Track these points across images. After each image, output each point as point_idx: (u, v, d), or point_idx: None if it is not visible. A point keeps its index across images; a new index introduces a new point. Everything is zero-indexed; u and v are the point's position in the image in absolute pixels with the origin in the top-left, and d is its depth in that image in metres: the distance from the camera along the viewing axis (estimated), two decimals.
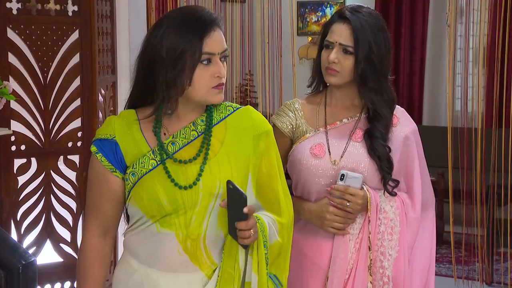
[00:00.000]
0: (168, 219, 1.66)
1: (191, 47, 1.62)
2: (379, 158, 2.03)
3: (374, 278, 2.03)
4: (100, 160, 1.69)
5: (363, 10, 2.07)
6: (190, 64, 1.62)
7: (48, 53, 3.49)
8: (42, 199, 3.55)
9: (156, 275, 1.69)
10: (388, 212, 2.05)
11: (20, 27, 3.44)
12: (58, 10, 3.50)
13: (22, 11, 3.45)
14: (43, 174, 3.54)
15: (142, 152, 1.68)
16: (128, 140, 1.69)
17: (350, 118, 2.10)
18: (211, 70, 1.64)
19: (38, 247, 3.59)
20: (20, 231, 3.54)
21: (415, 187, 2.09)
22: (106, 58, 3.70)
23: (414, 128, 2.14)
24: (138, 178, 1.66)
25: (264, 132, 1.75)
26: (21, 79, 3.47)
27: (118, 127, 1.70)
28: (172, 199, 1.65)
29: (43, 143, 3.53)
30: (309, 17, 6.68)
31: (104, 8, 3.68)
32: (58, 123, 3.54)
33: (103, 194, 1.71)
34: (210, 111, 1.73)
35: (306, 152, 2.07)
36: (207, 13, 1.69)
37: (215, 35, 1.66)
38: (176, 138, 1.69)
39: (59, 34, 3.50)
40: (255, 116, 1.77)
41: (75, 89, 3.56)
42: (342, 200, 2.00)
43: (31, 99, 3.49)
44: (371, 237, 2.02)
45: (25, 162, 3.52)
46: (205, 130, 1.71)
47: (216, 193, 1.67)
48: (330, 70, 2.05)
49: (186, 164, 1.67)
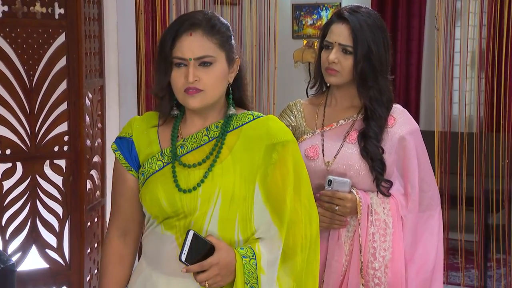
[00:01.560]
0: (171, 222, 1.68)
1: (164, 49, 1.65)
2: (371, 159, 2.05)
3: (366, 280, 2.05)
4: (118, 158, 1.75)
5: (361, 10, 2.08)
6: (164, 65, 1.65)
7: (34, 56, 3.45)
8: (27, 204, 3.50)
9: (157, 277, 1.71)
10: (380, 213, 2.06)
11: (5, 30, 3.40)
12: (44, 13, 3.45)
13: (7, 14, 3.41)
14: (28, 179, 3.50)
15: (153, 153, 1.72)
16: (143, 140, 1.73)
17: (347, 119, 2.13)
18: (185, 73, 1.64)
19: (24, 253, 3.54)
20: (5, 237, 3.49)
21: (410, 188, 2.10)
22: (93, 62, 3.66)
23: (412, 129, 2.13)
24: (146, 178, 1.70)
25: (279, 143, 1.69)
26: (6, 83, 3.42)
27: (136, 127, 1.75)
28: (171, 201, 1.66)
29: (28, 147, 3.49)
30: (304, 20, 6.64)
31: (91, 11, 3.64)
32: (44, 127, 3.50)
33: (122, 193, 1.75)
34: (228, 118, 1.71)
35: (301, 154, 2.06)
36: (193, 16, 1.68)
37: (189, 39, 1.64)
38: (186, 141, 1.71)
39: (45, 37, 3.46)
40: (273, 125, 1.73)
41: (62, 93, 3.51)
42: (331, 205, 2.05)
43: (17, 102, 3.44)
44: (361, 240, 2.05)
45: (10, 167, 3.47)
46: (217, 136, 1.69)
47: (215, 199, 1.66)
48: (330, 70, 2.08)
49: (189, 168, 1.68)
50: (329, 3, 6.63)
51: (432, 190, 2.17)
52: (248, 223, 1.67)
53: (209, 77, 1.64)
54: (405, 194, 2.12)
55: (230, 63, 1.69)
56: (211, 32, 1.65)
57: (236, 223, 1.66)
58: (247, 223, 1.67)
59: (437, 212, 2.18)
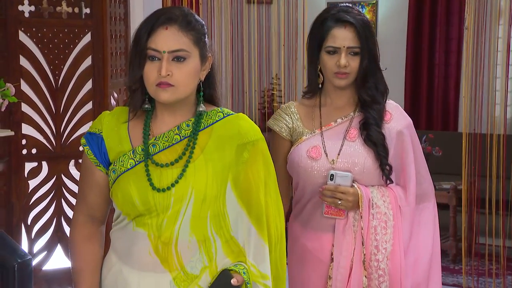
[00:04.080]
0: (142, 219, 1.69)
1: (139, 41, 1.66)
2: (375, 144, 2.11)
3: (369, 272, 2.10)
4: (87, 153, 1.74)
5: (352, 9, 2.14)
6: (138, 57, 1.65)
7: (60, 56, 3.47)
8: (53, 203, 3.52)
9: (128, 273, 1.71)
10: (381, 206, 2.12)
11: (31, 30, 3.42)
12: (70, 12, 3.46)
13: (34, 13, 3.43)
14: (54, 178, 3.52)
15: (124, 151, 1.71)
16: (113, 137, 1.72)
17: (344, 118, 2.17)
18: (158, 67, 1.64)
19: (49, 252, 3.56)
20: (31, 236, 3.51)
21: (409, 180, 2.16)
22: (119, 61, 3.66)
23: (408, 123, 2.20)
24: (117, 176, 1.70)
25: (250, 142, 1.71)
26: (33, 82, 3.45)
27: (106, 123, 1.74)
28: (144, 200, 1.67)
29: (54, 146, 3.51)
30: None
31: (118, 11, 3.64)
32: (69, 126, 3.52)
33: (89, 185, 1.76)
34: (199, 116, 1.72)
35: (303, 155, 2.13)
36: (170, 11, 1.69)
37: (164, 33, 1.64)
38: (158, 140, 1.71)
39: (71, 37, 3.48)
40: (243, 124, 1.73)
41: (87, 93, 3.53)
42: (334, 199, 2.09)
43: (42, 102, 3.47)
44: (363, 232, 2.11)
45: (36, 166, 3.50)
46: (189, 135, 1.70)
47: (188, 199, 1.66)
48: (340, 74, 2.11)
49: (162, 168, 1.68)
50: (365, 1, 6.52)
51: (426, 182, 2.23)
52: (221, 220, 1.69)
53: (182, 72, 1.65)
54: (403, 186, 2.17)
55: (203, 61, 1.70)
56: (186, 28, 1.66)
57: (208, 220, 1.68)
58: (220, 219, 1.69)
59: (432, 203, 2.24)
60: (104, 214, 1.81)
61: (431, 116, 6.50)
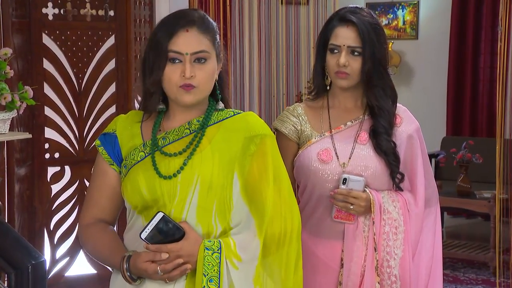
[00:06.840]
0: (151, 212, 1.69)
1: (158, 44, 1.68)
2: (385, 153, 2.10)
3: (382, 278, 2.10)
4: (101, 153, 1.77)
5: (361, 10, 2.11)
6: (158, 60, 1.68)
7: (83, 59, 3.43)
8: (75, 208, 3.48)
9: None
10: (392, 212, 2.12)
11: (55, 32, 3.39)
12: (94, 15, 3.42)
13: (57, 16, 3.40)
14: (76, 183, 3.48)
15: (135, 145, 1.75)
16: (126, 134, 1.77)
17: (353, 121, 2.16)
18: (180, 69, 1.68)
19: (72, 258, 3.52)
20: (53, 241, 3.48)
21: (418, 184, 2.16)
22: None
23: (417, 127, 2.20)
24: (128, 169, 1.73)
25: (258, 135, 1.73)
26: (56, 86, 3.42)
27: (120, 123, 1.79)
28: (151, 189, 1.69)
29: (77, 151, 3.47)
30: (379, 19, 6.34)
31: (142, 13, 3.57)
32: (93, 130, 3.47)
33: (101, 188, 1.77)
34: (209, 113, 1.77)
35: (313, 158, 2.12)
36: (188, 14, 1.73)
37: (186, 35, 1.68)
38: (168, 134, 1.75)
39: (95, 40, 3.43)
40: (251, 119, 1.77)
41: (110, 96, 3.48)
42: (346, 203, 2.07)
43: (66, 105, 3.43)
44: (376, 238, 2.10)
45: (59, 170, 3.47)
46: (198, 129, 1.74)
47: (194, 185, 1.69)
48: (340, 74, 2.09)
49: (170, 157, 1.72)
50: (406, 1, 6.32)
51: (431, 187, 2.23)
52: (226, 213, 1.70)
53: (203, 73, 1.70)
54: (412, 191, 2.17)
55: (219, 61, 1.76)
56: (205, 29, 1.71)
57: (214, 211, 1.69)
58: (225, 209, 1.70)
59: (435, 209, 2.24)
60: (113, 218, 1.80)
61: (475, 122, 6.25)
